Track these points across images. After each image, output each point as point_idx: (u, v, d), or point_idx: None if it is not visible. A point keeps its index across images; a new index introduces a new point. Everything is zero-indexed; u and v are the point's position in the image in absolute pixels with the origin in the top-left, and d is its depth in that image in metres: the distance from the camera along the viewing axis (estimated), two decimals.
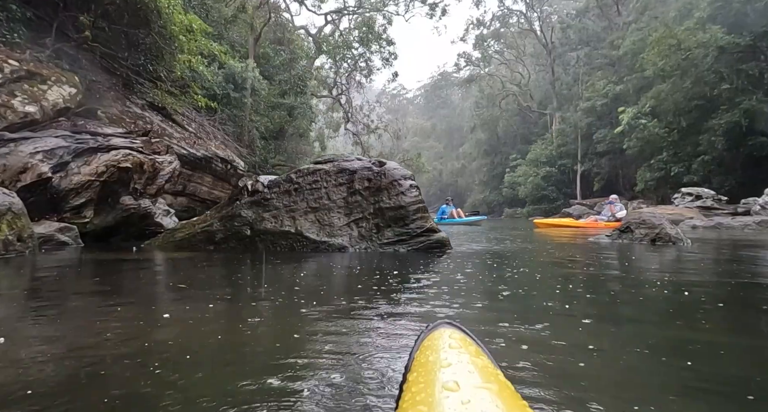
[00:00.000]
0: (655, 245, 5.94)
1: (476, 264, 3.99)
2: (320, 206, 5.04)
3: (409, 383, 0.63)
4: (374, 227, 4.95)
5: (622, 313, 2.22)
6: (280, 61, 19.20)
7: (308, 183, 5.17)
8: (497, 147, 53.49)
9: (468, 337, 0.77)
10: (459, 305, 2.24)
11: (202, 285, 2.92)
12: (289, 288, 2.76)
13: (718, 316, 2.12)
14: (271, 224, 4.96)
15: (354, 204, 5.06)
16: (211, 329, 1.78)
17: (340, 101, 32.63)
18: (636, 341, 1.64)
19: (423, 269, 3.63)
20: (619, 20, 36.80)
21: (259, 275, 3.39)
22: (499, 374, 0.61)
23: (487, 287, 2.80)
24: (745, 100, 20.37)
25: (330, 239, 4.86)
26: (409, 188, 5.07)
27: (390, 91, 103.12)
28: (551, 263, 4.25)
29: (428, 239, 4.94)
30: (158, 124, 10.38)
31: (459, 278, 3.12)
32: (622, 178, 34.41)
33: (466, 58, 52.49)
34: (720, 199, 16.76)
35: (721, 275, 3.51)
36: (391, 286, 2.79)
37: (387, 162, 5.35)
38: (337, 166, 5.26)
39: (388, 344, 1.54)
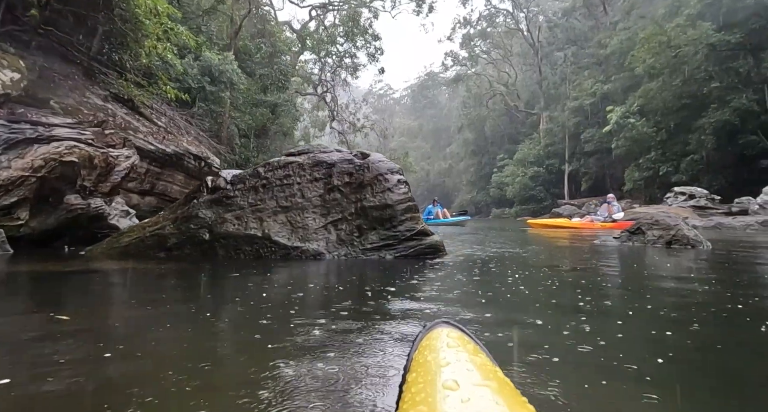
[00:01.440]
0: (672, 248, 5.32)
1: (477, 275, 3.29)
2: (292, 205, 4.29)
3: (408, 383, 0.63)
4: (356, 230, 4.21)
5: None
6: (260, 55, 18.31)
7: (279, 178, 4.42)
8: (485, 147, 53.22)
9: (466, 335, 0.76)
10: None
11: (123, 315, 2.15)
12: (247, 315, 2.03)
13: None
14: (234, 227, 4.19)
15: (332, 203, 4.32)
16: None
17: (325, 99, 31.81)
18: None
19: (413, 284, 2.92)
20: (606, 20, 36.71)
21: (213, 295, 2.64)
22: (498, 372, 0.61)
23: (503, 318, 2.09)
24: (735, 99, 20.19)
25: (303, 243, 4.11)
26: (396, 184, 4.34)
27: (377, 90, 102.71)
28: (563, 275, 3.57)
29: (420, 243, 4.23)
30: (122, 117, 9.47)
31: (459, 297, 2.41)
32: (610, 178, 34.26)
33: (453, 57, 52.05)
34: (713, 198, 16.44)
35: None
36: (373, 310, 2.07)
37: (371, 154, 4.61)
38: (313, 158, 4.51)
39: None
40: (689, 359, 1.41)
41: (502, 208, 43.61)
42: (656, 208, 16.45)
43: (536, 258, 4.44)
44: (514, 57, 50.53)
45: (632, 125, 26.04)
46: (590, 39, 37.47)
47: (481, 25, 51.41)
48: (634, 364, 1.31)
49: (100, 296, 2.60)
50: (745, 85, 20.37)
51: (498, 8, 49.05)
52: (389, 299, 2.30)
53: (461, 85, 54.49)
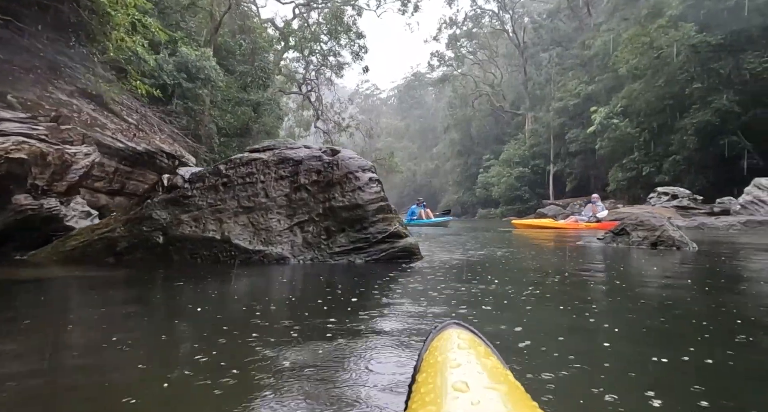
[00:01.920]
0: (656, 249, 5.13)
1: (451, 283, 3.01)
2: (255, 206, 3.97)
3: (418, 383, 0.63)
4: (324, 232, 3.91)
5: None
6: (241, 51, 17.85)
7: (241, 176, 4.09)
8: (471, 147, 53.25)
9: (477, 337, 0.75)
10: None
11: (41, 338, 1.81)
12: (202, 333, 1.72)
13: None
14: (191, 229, 3.85)
15: (299, 203, 4.01)
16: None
17: (309, 98, 31.36)
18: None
19: (380, 294, 2.63)
20: (589, 21, 36.95)
21: (161, 310, 2.32)
22: (509, 375, 0.61)
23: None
24: (716, 100, 20.35)
25: (266, 247, 3.79)
26: (368, 183, 4.05)
27: (363, 90, 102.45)
28: (544, 283, 3.31)
29: (392, 246, 3.94)
30: (88, 113, 9.01)
31: (428, 311, 2.13)
32: (594, 179, 34.48)
33: (439, 57, 51.97)
34: (696, 198, 16.51)
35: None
36: (336, 324, 1.77)
37: (342, 150, 4.32)
38: (279, 155, 4.19)
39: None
40: (686, 397, 1.14)
41: (488, 208, 43.61)
42: (640, 208, 16.46)
43: (517, 262, 4.19)
44: (500, 58, 50.67)
45: (616, 126, 26.18)
46: (574, 40, 37.70)
47: (467, 25, 51.44)
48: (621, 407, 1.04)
49: (17, 314, 2.25)
50: (725, 86, 20.55)
51: (484, 9, 49.12)
52: (353, 314, 2.00)
53: (447, 86, 54.45)
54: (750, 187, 12.58)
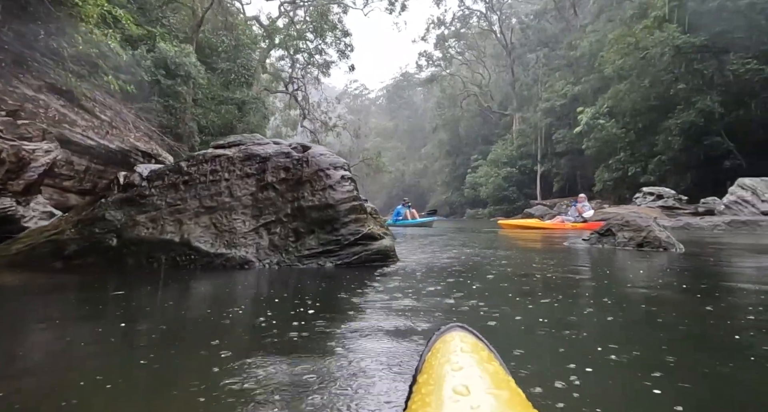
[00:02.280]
0: (643, 250, 4.96)
1: (427, 288, 2.76)
2: (218, 205, 3.69)
3: (419, 384, 0.63)
4: (292, 234, 3.64)
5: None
6: (222, 48, 17.46)
7: (203, 174, 3.80)
8: (459, 148, 53.29)
9: (480, 342, 0.75)
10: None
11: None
12: (150, 348, 1.46)
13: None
14: (148, 231, 3.56)
15: (265, 202, 3.73)
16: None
17: (296, 97, 30.96)
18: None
19: (349, 300, 2.38)
20: (576, 22, 37.17)
21: (107, 321, 2.04)
22: (511, 381, 0.61)
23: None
24: (700, 100, 20.50)
25: (229, 250, 3.51)
26: (340, 181, 3.79)
27: (352, 90, 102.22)
28: (527, 289, 3.10)
29: (365, 248, 3.69)
30: (56, 109, 8.61)
31: (396, 323, 1.88)
32: (581, 179, 34.65)
33: (427, 57, 51.91)
34: (680, 198, 16.56)
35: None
36: (300, 339, 1.52)
37: (312, 146, 4.05)
38: (245, 151, 3.92)
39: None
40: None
41: (476, 208, 43.61)
42: (626, 208, 16.46)
43: (500, 265, 3.97)
44: (488, 58, 50.77)
45: (602, 126, 26.30)
46: (561, 41, 37.89)
47: (455, 25, 51.47)
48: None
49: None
50: (709, 87, 20.72)
51: (471, 9, 49.18)
52: (315, 326, 1.75)
53: (436, 86, 54.44)
54: (734, 187, 12.60)
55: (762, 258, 4.73)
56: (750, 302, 2.34)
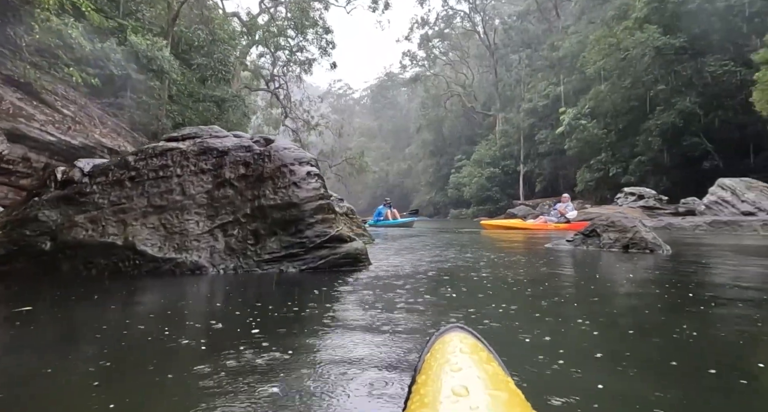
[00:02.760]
0: (629, 252, 4.74)
1: (398, 297, 2.44)
2: (169, 205, 3.31)
3: (418, 384, 0.62)
4: (251, 236, 3.29)
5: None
6: (198, 43, 16.87)
7: (153, 170, 3.42)
8: (443, 148, 53.33)
9: (480, 342, 0.75)
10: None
11: None
12: (83, 368, 1.11)
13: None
14: (87, 233, 3.16)
15: (222, 201, 3.37)
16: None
17: (277, 95, 30.38)
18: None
19: (309, 310, 2.05)
20: (558, 23, 37.44)
21: (25, 342, 1.67)
22: (510, 383, 0.61)
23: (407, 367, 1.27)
24: (679, 101, 20.72)
25: (180, 254, 3.14)
26: (305, 177, 3.45)
27: (336, 90, 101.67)
28: (507, 297, 2.82)
29: (333, 252, 3.35)
30: (11, 103, 8.04)
31: (358, 345, 1.57)
32: (563, 179, 34.91)
33: (411, 56, 51.78)
34: (661, 198, 16.64)
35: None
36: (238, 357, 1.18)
37: (276, 139, 3.70)
38: (201, 144, 3.54)
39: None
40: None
41: (459, 208, 43.64)
42: (607, 208, 16.47)
43: (477, 268, 3.68)
44: (471, 59, 50.90)
45: (583, 127, 26.46)
46: (543, 42, 38.13)
47: (439, 25, 51.45)
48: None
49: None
50: (688, 89, 20.97)
51: (455, 9, 49.20)
52: (274, 351, 1.41)
53: (420, 86, 54.37)
54: (714, 187, 12.65)
55: (750, 260, 4.56)
56: (746, 312, 2.09)
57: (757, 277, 3.35)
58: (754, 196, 11.15)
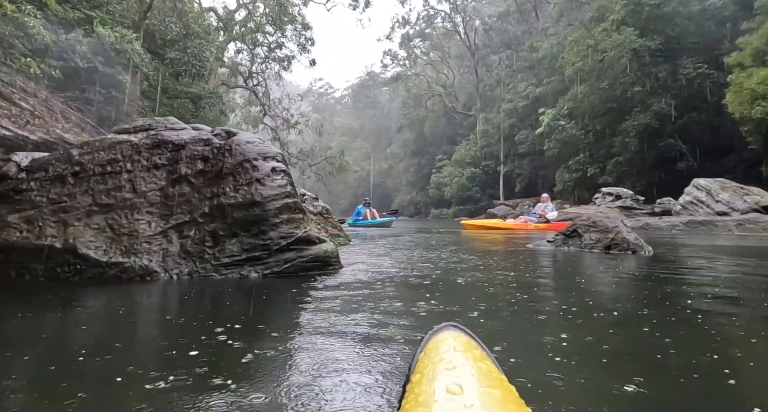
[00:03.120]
0: (610, 253, 4.61)
1: (370, 306, 2.20)
2: (117, 203, 2.99)
3: (412, 383, 0.62)
4: (209, 237, 2.99)
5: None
6: (171, 37, 16.29)
7: (100, 164, 3.09)
8: (424, 147, 53.36)
9: (473, 341, 0.75)
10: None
11: None
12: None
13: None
14: (21, 234, 2.82)
15: (178, 199, 3.07)
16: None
17: (255, 93, 29.77)
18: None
19: (268, 323, 1.78)
20: (538, 25, 37.81)
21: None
22: (504, 380, 0.61)
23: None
24: (655, 103, 21.07)
25: (128, 258, 2.82)
26: (270, 174, 3.17)
27: (317, 89, 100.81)
28: (481, 300, 2.61)
29: (300, 255, 3.09)
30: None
31: (323, 366, 1.31)
32: (542, 179, 35.27)
33: (392, 56, 51.64)
34: (638, 199, 16.83)
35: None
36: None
37: (239, 132, 3.41)
38: (154, 137, 3.22)
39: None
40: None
41: (440, 208, 43.69)
42: (586, 208, 16.58)
43: (456, 271, 3.47)
44: (452, 59, 51.04)
45: (562, 128, 26.72)
46: (523, 43, 38.46)
47: (420, 25, 51.44)
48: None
49: None
50: (663, 90, 21.34)
51: (436, 9, 49.26)
52: (216, 365, 1.13)
53: (401, 85, 54.27)
54: (689, 187, 12.80)
55: (734, 260, 4.47)
56: (738, 316, 1.92)
57: (747, 279, 3.23)
58: (728, 196, 11.31)
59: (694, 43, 20.58)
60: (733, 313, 2.03)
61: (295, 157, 31.17)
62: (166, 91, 19.48)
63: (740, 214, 10.58)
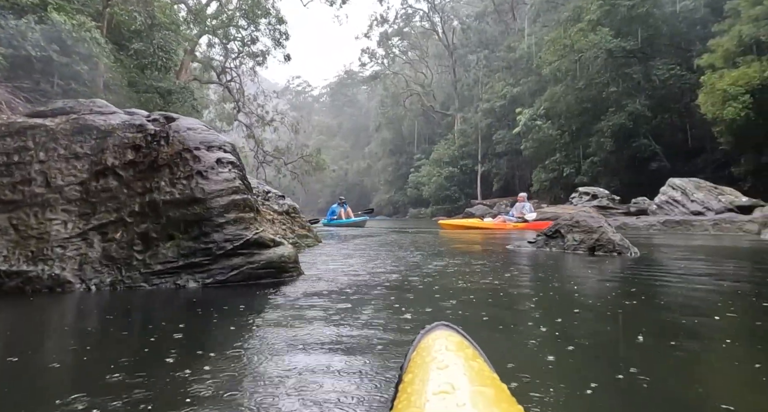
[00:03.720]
0: (595, 255, 4.31)
1: (327, 323, 1.78)
2: (25, 199, 2.49)
3: (404, 383, 0.62)
4: (139, 240, 2.52)
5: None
6: (135, 27, 15.44)
7: (5, 153, 2.57)
8: (402, 147, 53.15)
9: (465, 340, 0.75)
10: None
11: None
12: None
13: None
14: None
15: (102, 195, 2.58)
16: None
17: (229, 88, 28.86)
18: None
19: (213, 352, 1.35)
20: (515, 26, 38.01)
21: None
22: (496, 379, 0.61)
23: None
24: (629, 104, 21.29)
25: (34, 266, 2.33)
26: (214, 166, 2.72)
27: (294, 87, 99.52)
28: (462, 305, 2.23)
29: (250, 260, 2.64)
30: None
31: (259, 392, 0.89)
32: (519, 179, 35.46)
33: (370, 54, 51.24)
34: (614, 198, 16.88)
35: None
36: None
37: (180, 118, 2.94)
38: (75, 122, 2.72)
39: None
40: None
41: (418, 208, 43.52)
42: (563, 207, 16.53)
43: (434, 276, 3.08)
44: (431, 58, 50.95)
45: (539, 127, 26.81)
46: (500, 43, 38.58)
47: (398, 24, 51.18)
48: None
49: None
50: (637, 91, 21.59)
51: (414, 8, 49.08)
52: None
53: (379, 84, 53.91)
54: (665, 187, 12.82)
55: (723, 262, 4.25)
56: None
57: (749, 285, 2.95)
58: (702, 196, 11.33)
59: (667, 44, 20.89)
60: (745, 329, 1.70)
61: (270, 155, 30.38)
62: (134, 85, 18.55)
63: (715, 213, 10.60)
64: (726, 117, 14.47)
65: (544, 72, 24.61)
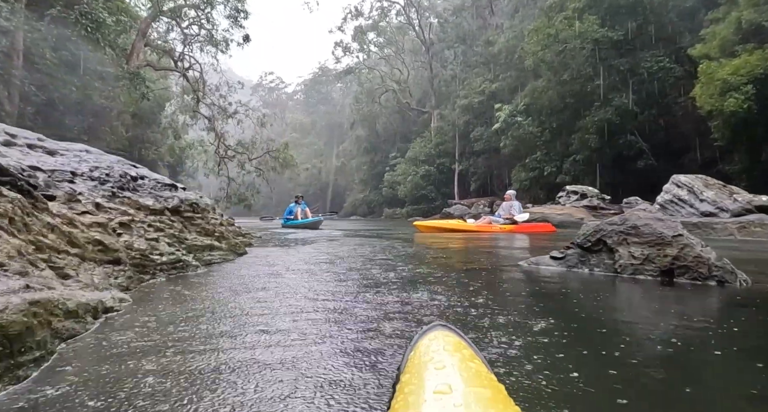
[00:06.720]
0: (675, 284, 2.56)
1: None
2: None
3: (402, 383, 0.61)
4: None
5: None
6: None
7: None
8: (377, 145, 51.39)
9: (463, 340, 0.73)
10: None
11: None
12: None
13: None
14: None
15: None
16: None
17: (186, 76, 26.36)
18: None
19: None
20: (493, 20, 36.77)
21: None
22: (493, 379, 0.60)
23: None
24: (616, 98, 20.11)
25: None
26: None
27: (267, 83, 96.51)
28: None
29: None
30: None
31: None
32: (497, 178, 34.19)
33: (343, 47, 49.21)
34: (604, 197, 15.53)
35: None
36: None
37: None
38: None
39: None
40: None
41: (394, 208, 41.84)
42: (551, 207, 15.06)
43: (391, 333, 1.26)
44: (407, 54, 49.37)
45: (519, 124, 25.50)
46: (478, 38, 37.27)
47: (374, 17, 49.33)
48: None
49: None
50: (624, 85, 20.42)
51: (390, 1, 47.33)
52: None
53: (354, 80, 51.94)
54: (668, 185, 11.36)
55: None
56: None
57: None
58: (713, 194, 9.91)
59: (655, 35, 19.76)
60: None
61: (232, 149, 28.02)
62: (66, 63, 16.11)
63: (730, 215, 9.18)
64: (726, 109, 13.22)
65: (527, 63, 23.19)
